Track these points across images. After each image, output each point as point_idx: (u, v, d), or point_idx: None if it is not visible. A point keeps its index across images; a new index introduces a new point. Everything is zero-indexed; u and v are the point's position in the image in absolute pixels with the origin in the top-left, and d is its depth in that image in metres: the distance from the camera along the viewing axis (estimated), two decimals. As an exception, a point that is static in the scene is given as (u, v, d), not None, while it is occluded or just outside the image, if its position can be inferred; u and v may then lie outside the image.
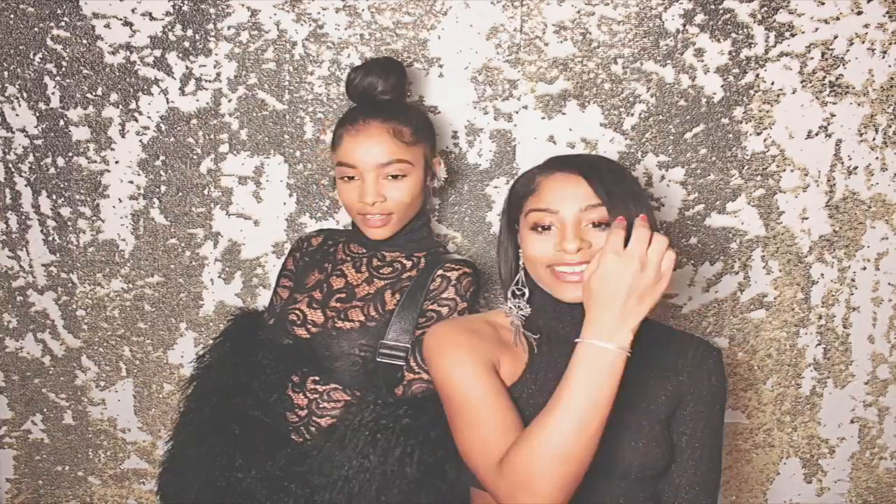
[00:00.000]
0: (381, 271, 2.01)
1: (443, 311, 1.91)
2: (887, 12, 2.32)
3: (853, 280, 2.47)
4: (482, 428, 1.54)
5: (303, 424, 1.93)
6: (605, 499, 1.60)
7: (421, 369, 1.85)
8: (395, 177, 1.93)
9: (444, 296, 1.92)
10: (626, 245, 1.42)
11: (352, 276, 2.01)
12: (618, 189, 1.59)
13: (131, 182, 2.43)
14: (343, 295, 1.99)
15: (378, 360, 1.90)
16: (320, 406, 1.91)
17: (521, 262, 1.71)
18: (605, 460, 1.56)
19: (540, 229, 1.61)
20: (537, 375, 1.63)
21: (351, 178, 1.94)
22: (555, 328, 1.69)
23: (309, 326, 1.97)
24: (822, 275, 2.47)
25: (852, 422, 2.55)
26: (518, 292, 1.70)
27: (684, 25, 2.33)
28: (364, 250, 2.05)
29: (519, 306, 1.70)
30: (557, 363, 1.63)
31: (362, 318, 1.94)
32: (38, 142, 2.41)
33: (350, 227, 2.14)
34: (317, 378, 1.92)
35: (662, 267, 1.42)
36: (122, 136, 2.40)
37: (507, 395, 1.58)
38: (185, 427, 2.03)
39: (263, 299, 2.47)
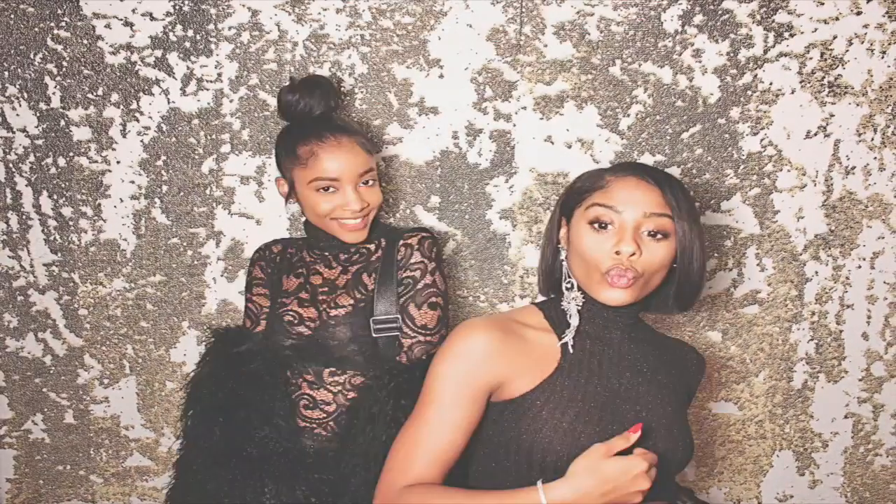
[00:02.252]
0: (351, 260, 2.13)
1: (416, 274, 2.06)
2: (886, 12, 2.34)
3: (847, 278, 2.50)
4: (419, 440, 1.62)
5: (332, 419, 2.02)
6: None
7: (416, 332, 2.02)
8: (366, 183, 2.06)
9: (412, 261, 2.07)
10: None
11: (327, 273, 2.12)
12: (685, 204, 1.63)
13: (133, 182, 2.42)
14: (326, 288, 2.10)
15: (374, 336, 2.03)
16: (347, 396, 2.02)
17: (561, 257, 1.73)
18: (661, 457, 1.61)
19: (598, 226, 1.62)
20: (570, 374, 1.64)
21: (327, 189, 2.01)
22: (587, 327, 1.71)
23: (308, 323, 2.05)
24: (817, 272, 2.49)
25: (846, 417, 2.58)
26: (568, 285, 1.72)
27: (683, 26, 2.34)
28: (329, 250, 2.14)
29: (575, 298, 1.71)
30: (591, 362, 1.67)
31: (352, 301, 2.05)
32: (39, 142, 2.40)
33: (304, 235, 2.23)
34: (333, 369, 2.02)
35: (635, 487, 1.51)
36: (124, 136, 2.40)
37: (462, 432, 1.63)
38: (191, 459, 2.05)
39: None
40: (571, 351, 1.67)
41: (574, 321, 1.68)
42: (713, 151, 2.41)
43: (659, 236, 1.61)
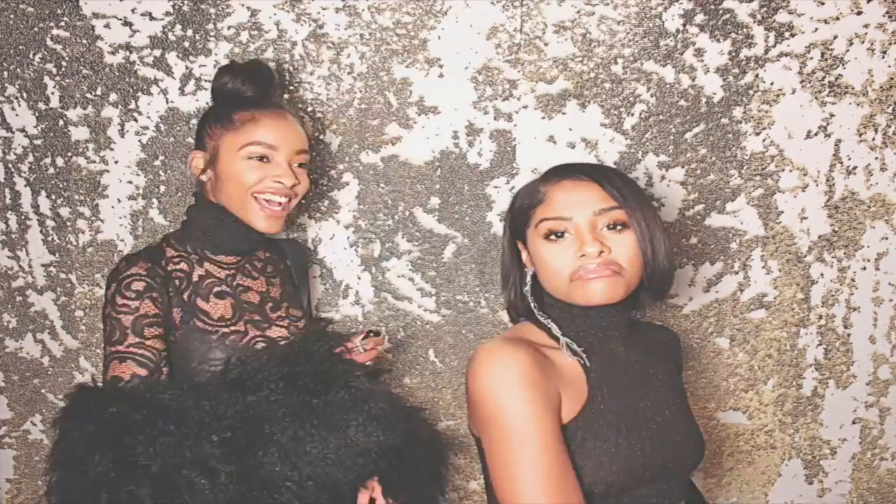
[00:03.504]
0: (268, 271, 2.08)
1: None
2: (887, 12, 2.33)
3: (853, 280, 2.47)
4: (537, 472, 1.44)
5: None
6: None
7: None
8: (300, 166, 1.99)
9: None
10: None
11: (256, 286, 2.02)
12: (627, 189, 1.59)
13: (130, 182, 2.42)
14: (270, 304, 2.02)
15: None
16: None
17: (527, 280, 1.69)
18: (669, 461, 1.57)
19: (554, 237, 1.58)
20: (604, 400, 1.57)
21: (261, 158, 1.92)
22: (584, 340, 1.64)
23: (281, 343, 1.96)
24: (822, 275, 2.47)
25: (854, 422, 2.55)
26: (535, 305, 1.68)
27: (684, 25, 2.33)
28: (235, 259, 2.01)
29: (548, 317, 1.66)
30: (611, 380, 1.61)
31: (300, 314, 2.08)
32: (38, 142, 2.40)
33: (172, 240, 2.00)
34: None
35: None
36: (122, 136, 2.40)
37: (562, 440, 1.49)
38: None
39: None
40: (588, 364, 1.60)
41: (563, 337, 1.63)
42: (717, 151, 2.39)
43: (619, 227, 1.57)
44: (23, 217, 2.44)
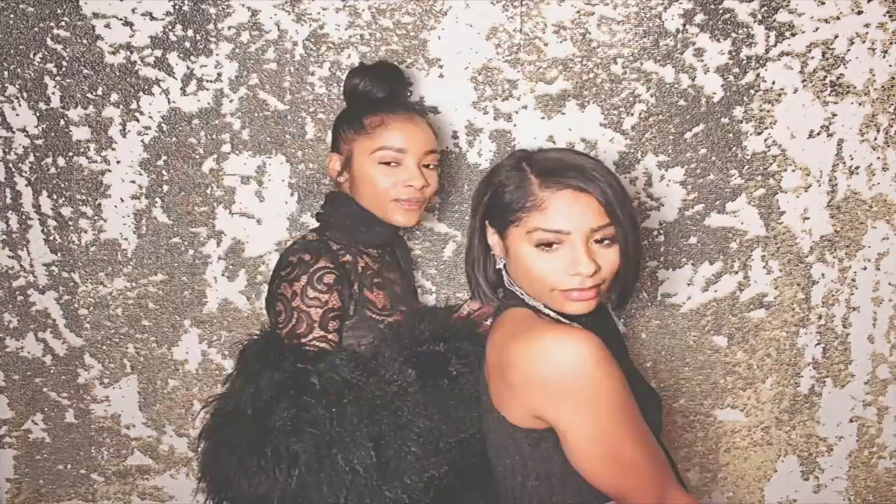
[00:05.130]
0: (401, 265, 2.16)
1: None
2: (887, 12, 2.32)
3: (853, 280, 2.47)
4: (647, 445, 1.52)
5: None
6: None
7: None
8: (427, 166, 2.01)
9: None
10: None
11: (397, 278, 2.11)
12: (622, 204, 1.57)
13: (133, 182, 2.42)
14: (408, 295, 2.15)
15: None
16: None
17: (499, 266, 1.70)
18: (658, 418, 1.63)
19: (545, 247, 1.56)
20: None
21: (388, 163, 1.96)
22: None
23: None
24: (823, 275, 2.47)
25: (851, 421, 2.56)
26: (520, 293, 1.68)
27: (684, 25, 2.33)
28: (377, 252, 2.07)
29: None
30: (611, 348, 1.57)
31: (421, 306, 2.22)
32: (39, 142, 2.41)
33: (327, 234, 2.02)
34: None
35: None
36: (124, 135, 2.40)
37: None
38: None
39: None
40: None
41: (563, 320, 1.62)
42: (717, 151, 2.39)
43: (606, 242, 1.57)
44: (24, 217, 2.45)
